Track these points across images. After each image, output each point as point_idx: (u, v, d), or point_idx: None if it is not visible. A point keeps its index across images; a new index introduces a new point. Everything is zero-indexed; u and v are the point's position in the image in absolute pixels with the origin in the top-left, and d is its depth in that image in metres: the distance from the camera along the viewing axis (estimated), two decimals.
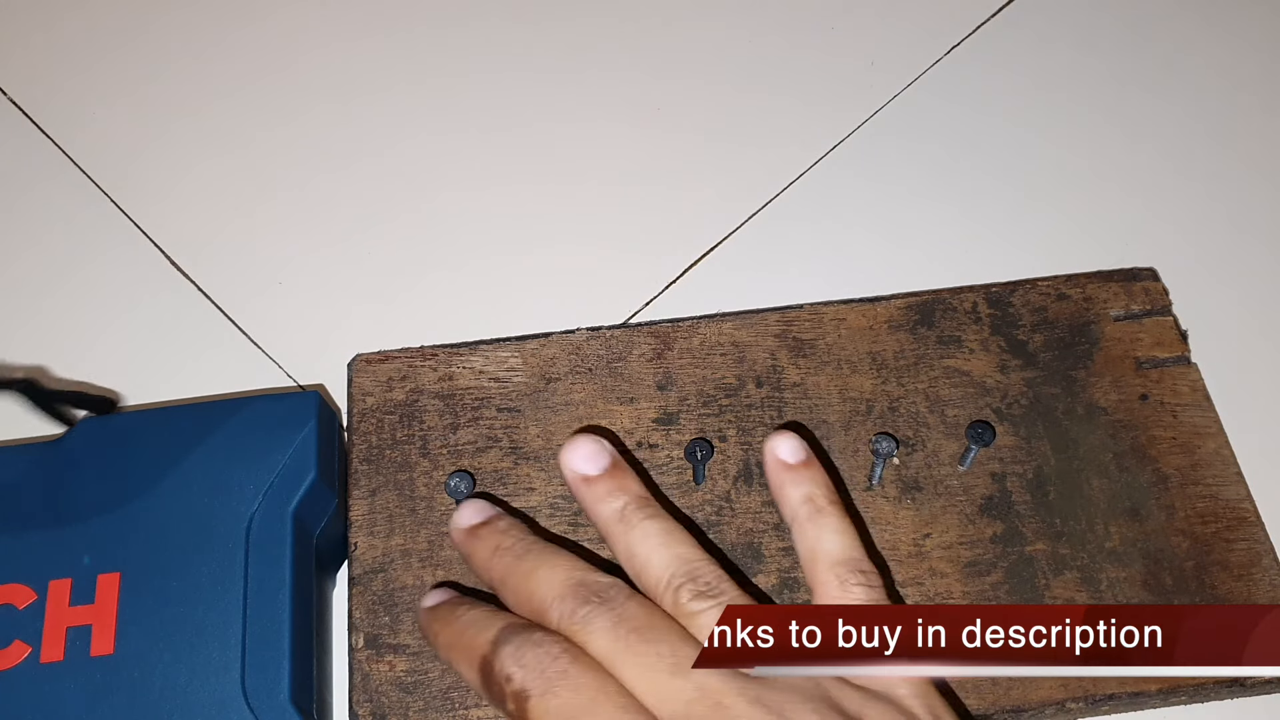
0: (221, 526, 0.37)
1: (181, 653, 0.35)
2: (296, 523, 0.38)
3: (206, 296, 0.49)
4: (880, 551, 0.39)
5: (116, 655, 0.35)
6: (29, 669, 0.35)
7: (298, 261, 0.50)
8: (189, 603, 0.36)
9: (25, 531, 0.37)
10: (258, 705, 0.34)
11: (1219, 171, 0.52)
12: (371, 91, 0.56)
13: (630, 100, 0.55)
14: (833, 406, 0.41)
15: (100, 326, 0.48)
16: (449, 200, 0.52)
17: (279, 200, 0.52)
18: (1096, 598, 0.38)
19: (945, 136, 0.53)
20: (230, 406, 0.40)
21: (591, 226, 0.51)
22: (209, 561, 0.36)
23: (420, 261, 0.50)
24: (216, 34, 0.57)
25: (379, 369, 0.42)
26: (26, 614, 0.36)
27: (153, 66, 0.56)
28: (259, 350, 0.48)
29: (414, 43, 0.57)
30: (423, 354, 0.43)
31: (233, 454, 0.38)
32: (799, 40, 0.57)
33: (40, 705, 0.34)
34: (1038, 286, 0.44)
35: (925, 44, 0.56)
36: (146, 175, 0.53)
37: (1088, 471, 0.40)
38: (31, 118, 0.54)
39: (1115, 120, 0.54)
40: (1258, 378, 0.47)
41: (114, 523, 0.37)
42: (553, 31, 0.57)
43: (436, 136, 0.54)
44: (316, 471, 0.38)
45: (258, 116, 0.55)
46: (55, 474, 0.38)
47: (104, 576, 0.36)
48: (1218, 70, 0.55)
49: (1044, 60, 0.56)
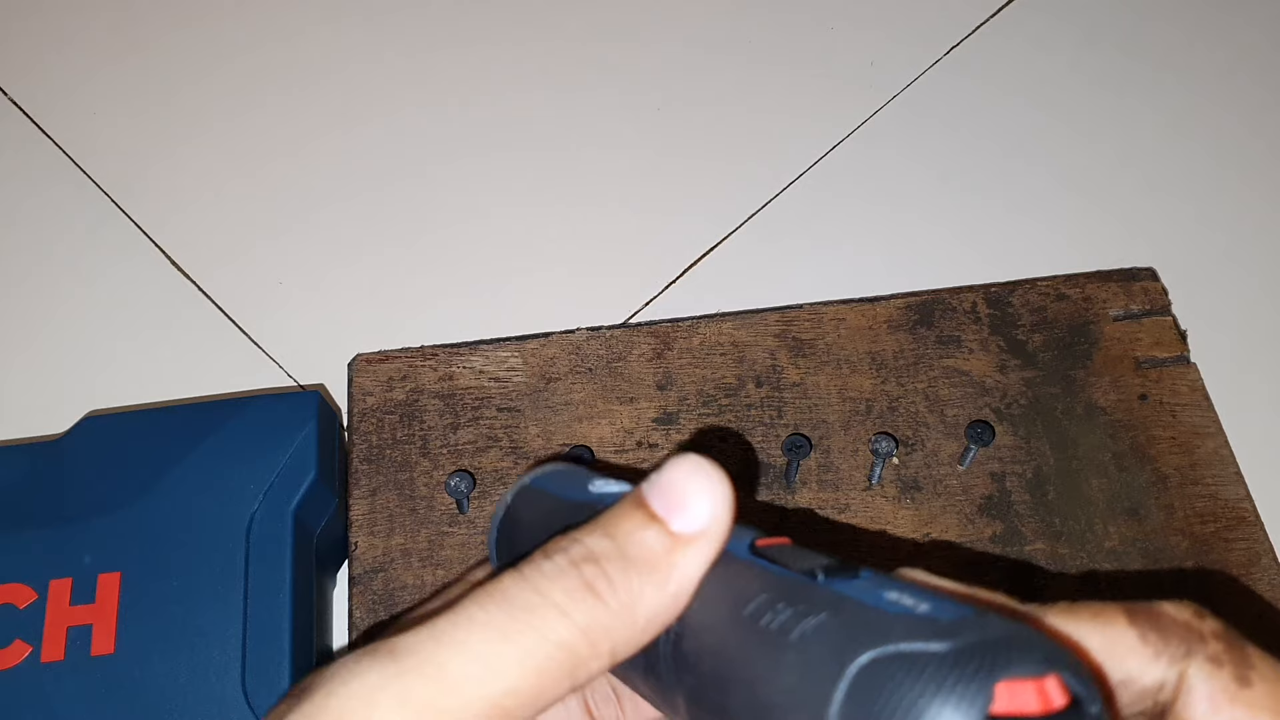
0: (222, 526, 0.37)
1: (182, 652, 0.35)
2: (297, 522, 0.38)
3: (207, 296, 0.49)
4: (879, 551, 0.39)
5: (117, 655, 0.35)
6: (30, 668, 0.35)
7: (298, 261, 0.50)
8: (189, 602, 0.36)
9: (26, 531, 0.37)
10: (258, 704, 0.34)
11: (1218, 172, 0.52)
12: (372, 92, 0.56)
13: (630, 100, 0.55)
14: (832, 406, 0.41)
15: (101, 326, 0.48)
16: (449, 201, 0.52)
17: (280, 201, 0.52)
18: (1095, 597, 0.38)
19: (945, 136, 0.53)
20: (230, 406, 0.40)
21: (592, 226, 0.51)
22: (209, 561, 0.36)
23: (420, 261, 0.50)
24: (218, 36, 0.57)
25: (379, 369, 0.42)
26: (27, 613, 0.36)
27: (154, 68, 0.56)
28: (259, 350, 0.48)
29: (415, 45, 0.57)
30: (423, 354, 0.43)
31: (233, 454, 0.38)
32: (799, 40, 0.57)
33: (41, 705, 0.34)
34: (1037, 286, 0.44)
35: (925, 44, 0.56)
36: (148, 176, 0.53)
37: (1087, 471, 0.40)
38: (33, 119, 0.54)
39: (1114, 120, 0.54)
40: (1257, 377, 0.47)
41: (114, 522, 0.37)
42: (553, 32, 0.57)
43: (436, 137, 0.54)
44: (317, 471, 0.38)
45: (259, 118, 0.55)
46: (56, 474, 0.38)
47: (104, 576, 0.36)
48: (1216, 71, 0.55)
49: (1043, 60, 0.56)
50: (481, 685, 0.18)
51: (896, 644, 0.16)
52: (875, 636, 0.17)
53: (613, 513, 0.20)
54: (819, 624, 0.18)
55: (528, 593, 0.19)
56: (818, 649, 0.17)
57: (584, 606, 0.19)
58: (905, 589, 0.18)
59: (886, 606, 0.18)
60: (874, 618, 0.17)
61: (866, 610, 0.17)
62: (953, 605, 0.18)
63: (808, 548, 0.20)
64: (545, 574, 0.19)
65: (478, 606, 0.19)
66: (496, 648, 0.18)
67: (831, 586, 0.18)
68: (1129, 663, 0.19)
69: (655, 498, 0.20)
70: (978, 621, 0.17)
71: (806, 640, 0.17)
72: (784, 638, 0.18)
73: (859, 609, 0.18)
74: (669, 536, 0.20)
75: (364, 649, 0.20)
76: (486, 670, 0.18)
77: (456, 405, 0.41)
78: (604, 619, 0.19)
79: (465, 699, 0.18)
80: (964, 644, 0.16)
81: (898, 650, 0.16)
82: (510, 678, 0.18)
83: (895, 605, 0.18)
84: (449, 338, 0.44)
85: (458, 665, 0.18)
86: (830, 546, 0.39)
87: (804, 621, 0.18)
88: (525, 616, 0.18)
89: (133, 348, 0.48)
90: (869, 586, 0.18)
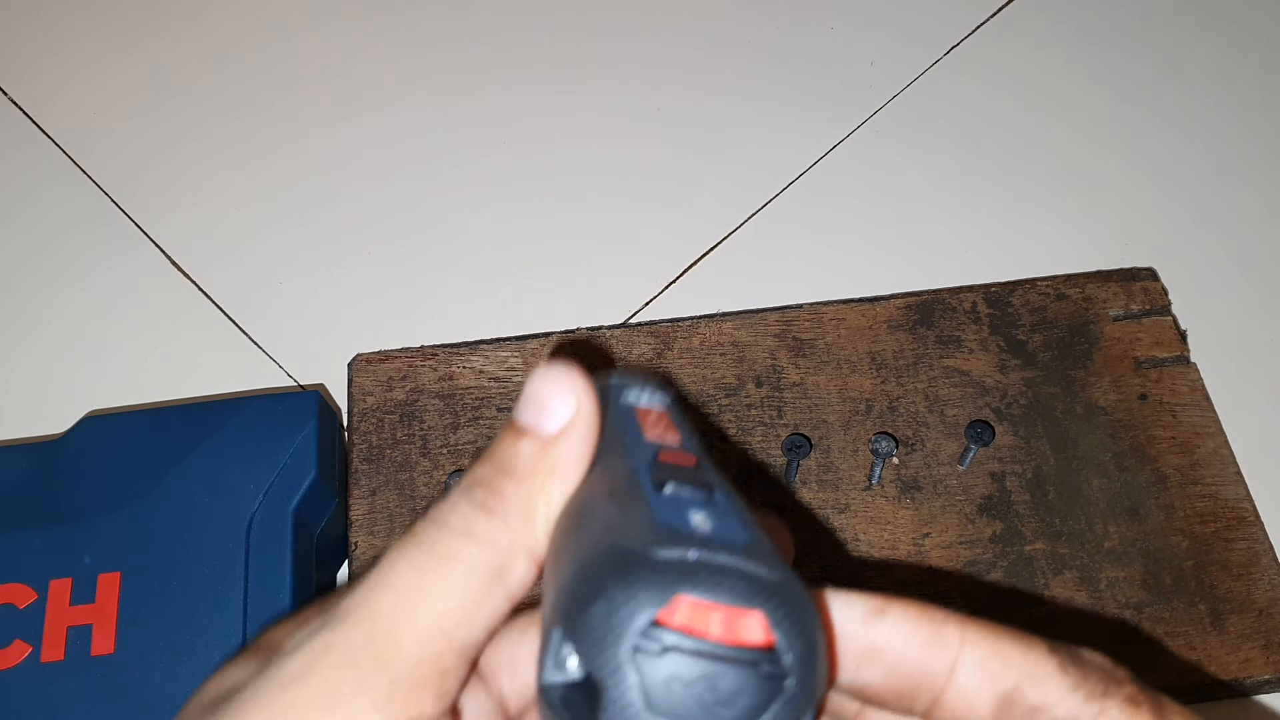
0: (222, 526, 0.37)
1: (182, 652, 0.35)
2: (297, 522, 0.38)
3: (207, 296, 0.49)
4: (879, 551, 0.39)
5: (117, 655, 0.35)
6: (30, 668, 0.35)
7: (298, 261, 0.50)
8: (190, 602, 0.36)
9: (26, 531, 0.37)
10: None
11: (1218, 171, 0.52)
12: (373, 93, 0.56)
13: (630, 101, 0.55)
14: (832, 406, 0.41)
15: (101, 326, 0.48)
16: (449, 201, 0.52)
17: (280, 200, 0.52)
18: (1096, 597, 0.38)
19: (945, 136, 0.53)
20: (230, 406, 0.40)
21: (592, 226, 0.51)
22: (209, 561, 0.36)
23: (421, 261, 0.50)
24: (218, 36, 0.57)
25: (379, 369, 0.42)
26: (27, 613, 0.36)
27: (154, 68, 0.56)
28: (259, 350, 0.48)
29: (416, 45, 0.57)
30: (423, 354, 0.43)
31: (233, 454, 0.38)
32: (799, 40, 0.57)
33: (41, 705, 0.34)
34: (1037, 286, 0.44)
35: (925, 44, 0.56)
36: (148, 176, 0.53)
37: (1087, 471, 0.40)
38: (32, 118, 0.54)
39: (1115, 120, 0.54)
40: (1257, 377, 0.47)
41: (114, 522, 0.37)
42: (553, 33, 0.57)
43: (437, 138, 0.54)
44: (317, 471, 0.38)
45: (259, 117, 0.55)
46: (56, 474, 0.38)
47: (104, 576, 0.36)
48: (1217, 70, 0.55)
49: (1043, 60, 0.56)
50: (415, 616, 0.20)
51: (625, 543, 0.18)
52: (617, 536, 0.18)
53: (494, 441, 0.23)
54: (605, 518, 0.19)
55: (435, 528, 0.21)
56: (583, 537, 0.19)
57: (482, 523, 0.21)
58: (716, 512, 0.20)
59: (665, 518, 0.19)
60: (639, 522, 0.19)
61: (644, 517, 0.19)
62: (741, 530, 0.19)
63: (700, 470, 0.22)
64: (445, 510, 0.21)
65: (397, 553, 0.21)
66: (419, 580, 0.20)
67: (647, 493, 0.20)
68: (1047, 689, 0.20)
69: (522, 413, 0.23)
70: (721, 549, 0.18)
71: (586, 529, 0.20)
72: (581, 524, 0.20)
73: (641, 515, 0.19)
74: (538, 441, 0.22)
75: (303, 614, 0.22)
76: (416, 600, 0.20)
77: (456, 405, 0.41)
78: (503, 528, 0.21)
79: (403, 632, 0.20)
80: (675, 557, 0.18)
81: (620, 548, 0.18)
82: (439, 600, 0.20)
83: (677, 519, 0.19)
84: (449, 338, 0.44)
85: (389, 605, 0.20)
86: (830, 546, 0.39)
87: (599, 516, 0.20)
88: (436, 548, 0.21)
89: (133, 348, 0.48)
90: (687, 504, 0.20)
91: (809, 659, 0.18)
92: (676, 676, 0.17)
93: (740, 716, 0.17)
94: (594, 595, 0.18)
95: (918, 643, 0.21)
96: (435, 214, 0.52)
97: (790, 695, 0.17)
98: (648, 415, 0.26)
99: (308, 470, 0.38)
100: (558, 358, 0.23)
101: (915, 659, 0.21)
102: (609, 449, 0.24)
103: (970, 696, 0.20)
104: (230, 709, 0.20)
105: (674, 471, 0.21)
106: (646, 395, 0.27)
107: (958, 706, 0.21)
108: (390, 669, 0.19)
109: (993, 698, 0.20)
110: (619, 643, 0.17)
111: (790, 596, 0.18)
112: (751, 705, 0.17)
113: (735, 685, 0.17)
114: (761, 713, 0.17)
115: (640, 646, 0.17)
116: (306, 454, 0.38)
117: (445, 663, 0.20)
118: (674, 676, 0.17)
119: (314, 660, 0.19)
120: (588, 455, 0.22)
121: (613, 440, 0.24)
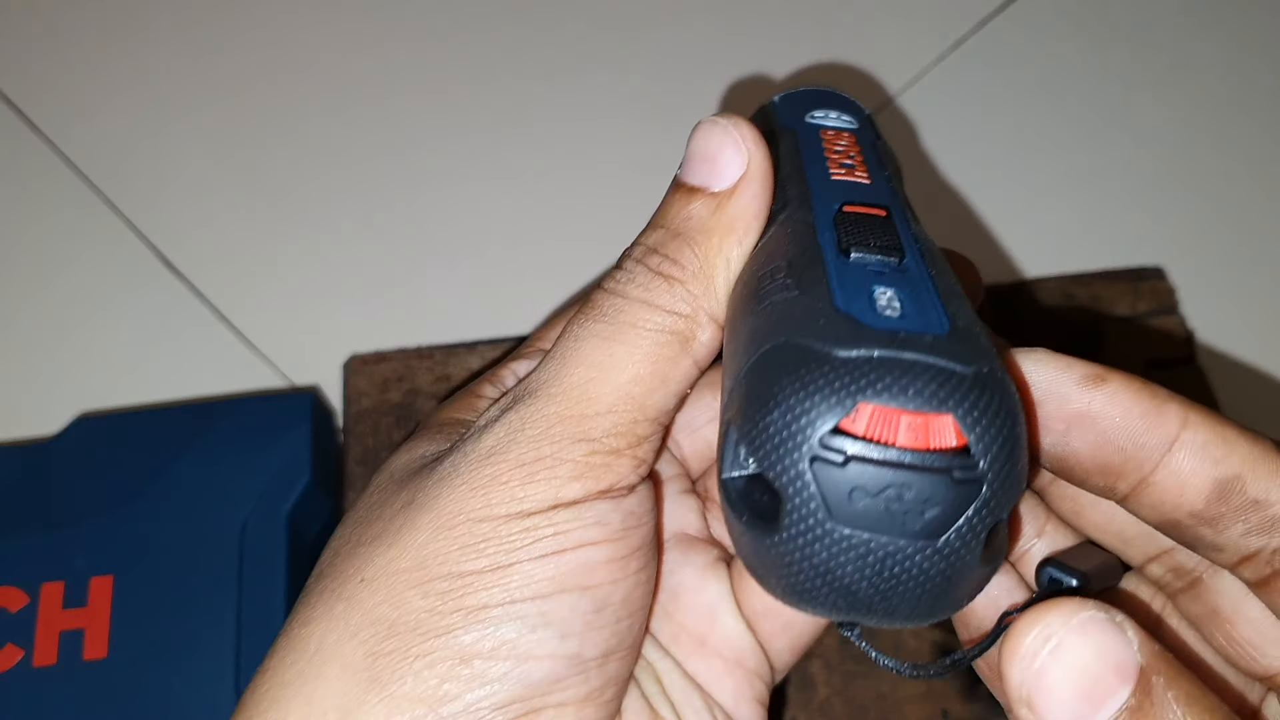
0: (215, 529, 0.37)
1: (175, 657, 0.35)
2: (291, 526, 0.37)
3: (199, 295, 0.49)
4: None
5: (110, 659, 0.35)
6: (21, 673, 0.34)
7: (292, 260, 0.50)
8: (183, 606, 0.35)
9: (17, 534, 0.37)
10: None
11: (1227, 169, 0.52)
12: (369, 89, 0.55)
13: (630, 99, 0.55)
14: None
15: (92, 325, 0.48)
16: (446, 199, 0.52)
17: (273, 198, 0.52)
18: None
19: (948, 135, 0.53)
20: (223, 408, 0.39)
21: (592, 226, 0.51)
22: (203, 564, 0.36)
23: (417, 261, 0.50)
24: (211, 31, 0.57)
25: (375, 370, 0.42)
26: (19, 617, 0.35)
27: (147, 64, 0.56)
28: (252, 350, 0.47)
29: (412, 41, 0.57)
30: (419, 354, 0.42)
31: (226, 456, 0.38)
32: (799, 39, 0.56)
33: (33, 710, 0.34)
34: (1044, 285, 0.44)
35: (926, 43, 0.56)
36: (139, 173, 0.52)
37: None
38: (23, 113, 0.54)
39: (1122, 118, 0.53)
40: (1264, 379, 0.46)
41: (107, 525, 0.37)
42: (552, 30, 0.57)
43: (433, 135, 0.54)
44: (311, 474, 0.38)
45: (252, 114, 0.54)
46: (47, 476, 0.38)
47: (97, 579, 0.36)
48: (1225, 67, 0.55)
49: (1049, 57, 0.55)
50: (606, 387, 0.20)
51: (804, 339, 0.16)
52: (796, 328, 0.17)
53: (660, 205, 0.23)
54: (784, 300, 0.18)
55: (615, 300, 0.21)
56: (761, 323, 0.18)
57: (661, 290, 0.21)
58: (907, 285, 0.18)
59: (847, 302, 0.17)
60: (819, 308, 0.17)
61: (824, 301, 0.17)
62: (933, 310, 0.17)
63: (891, 225, 0.20)
64: (621, 281, 0.21)
65: (579, 327, 0.21)
66: (604, 353, 0.20)
67: (829, 265, 0.18)
68: (1273, 485, 0.19)
69: (689, 173, 0.22)
70: (909, 342, 0.16)
71: (764, 312, 0.18)
72: (759, 303, 0.19)
73: (823, 298, 0.17)
74: (711, 199, 0.22)
75: (465, 400, 0.22)
76: (607, 371, 0.20)
77: None
78: (684, 295, 0.21)
79: (596, 402, 0.20)
80: (857, 356, 0.16)
81: (798, 345, 0.16)
82: (628, 369, 0.20)
83: (861, 302, 0.17)
84: (446, 338, 0.43)
85: (580, 378, 0.20)
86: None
87: (777, 295, 0.18)
88: (620, 319, 0.21)
89: (125, 348, 0.47)
90: (874, 277, 0.18)
91: (1007, 460, 0.16)
92: (860, 487, 0.15)
93: (931, 525, 0.15)
94: (769, 401, 0.16)
95: (1137, 414, 0.18)
96: (432, 213, 0.51)
97: (985, 499, 0.15)
98: (836, 141, 0.23)
99: (302, 473, 0.38)
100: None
101: (1132, 430, 0.18)
102: (790, 182, 0.21)
103: (1184, 479, 0.18)
104: (430, 482, 0.20)
105: (861, 231, 0.19)
106: (835, 115, 0.24)
107: (1168, 489, 0.19)
108: (587, 438, 0.19)
109: (1210, 483, 0.18)
110: (797, 452, 0.15)
111: (986, 392, 0.16)
112: (943, 514, 0.15)
113: (925, 493, 0.15)
114: (954, 521, 0.15)
115: (820, 456, 0.15)
116: (301, 456, 0.38)
117: (640, 430, 0.20)
118: (858, 487, 0.15)
119: (512, 434, 0.19)
120: (765, 209, 0.21)
121: (793, 175, 0.22)
